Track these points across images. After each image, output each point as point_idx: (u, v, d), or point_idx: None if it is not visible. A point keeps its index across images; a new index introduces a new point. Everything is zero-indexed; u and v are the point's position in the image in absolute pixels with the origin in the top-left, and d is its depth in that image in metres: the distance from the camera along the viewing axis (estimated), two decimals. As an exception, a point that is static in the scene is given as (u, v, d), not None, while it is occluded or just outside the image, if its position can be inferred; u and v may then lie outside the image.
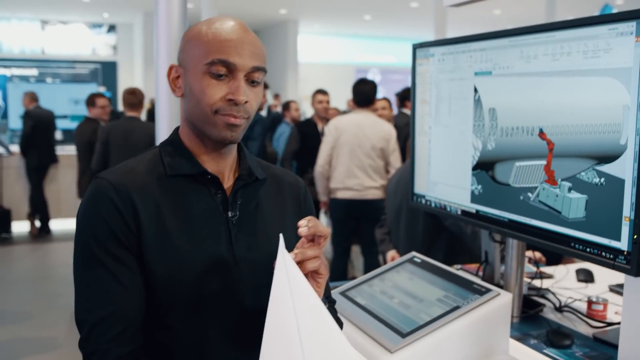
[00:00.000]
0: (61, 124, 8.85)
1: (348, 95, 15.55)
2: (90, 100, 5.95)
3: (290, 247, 1.18)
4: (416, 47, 2.23)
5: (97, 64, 16.35)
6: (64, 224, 7.66)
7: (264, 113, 6.59)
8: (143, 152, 1.24)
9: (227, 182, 1.24)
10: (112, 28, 16.69)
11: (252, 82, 1.16)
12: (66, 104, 9.08)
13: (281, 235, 1.01)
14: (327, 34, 18.27)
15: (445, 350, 1.56)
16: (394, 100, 7.12)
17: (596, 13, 8.65)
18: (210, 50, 1.12)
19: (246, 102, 1.14)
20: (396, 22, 15.97)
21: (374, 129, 4.71)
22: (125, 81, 16.59)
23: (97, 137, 5.11)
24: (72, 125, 9.11)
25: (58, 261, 6.37)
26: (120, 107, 9.86)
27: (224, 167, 1.23)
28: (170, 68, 1.21)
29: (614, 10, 8.53)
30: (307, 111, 12.77)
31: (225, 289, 1.16)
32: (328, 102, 5.77)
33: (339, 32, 17.98)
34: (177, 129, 1.26)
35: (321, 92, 5.77)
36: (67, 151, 8.00)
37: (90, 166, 5.14)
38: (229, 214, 1.19)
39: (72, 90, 9.38)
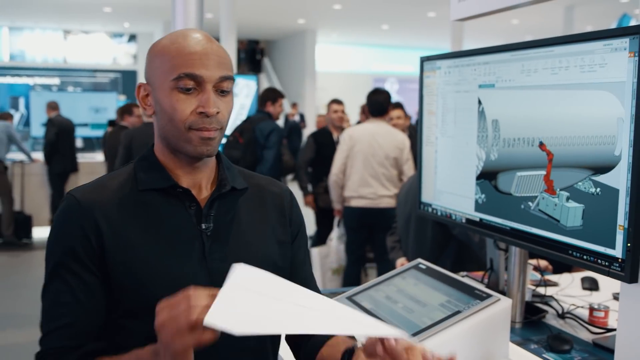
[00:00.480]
0: (81, 132, 9.02)
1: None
2: (128, 109, 6.16)
3: (269, 256, 1.23)
4: (423, 59, 2.29)
5: (117, 72, 16.62)
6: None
7: (280, 122, 6.66)
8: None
9: (204, 194, 1.23)
10: (132, 37, 16.99)
11: (221, 92, 1.16)
12: (87, 113, 9.25)
13: None
14: (345, 44, 18.39)
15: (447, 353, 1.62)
16: (413, 110, 7.17)
17: (614, 23, 8.64)
18: (176, 65, 1.12)
19: (217, 112, 1.14)
20: (413, 32, 16.06)
21: (388, 138, 4.77)
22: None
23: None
24: (93, 133, 9.31)
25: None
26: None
27: (200, 180, 1.23)
28: (139, 87, 1.21)
29: (633, 20, 8.52)
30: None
31: None
32: (343, 111, 5.85)
33: (356, 41, 18.10)
34: (152, 145, 1.25)
35: (336, 101, 5.85)
36: (87, 159, 8.18)
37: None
38: (203, 226, 1.19)
39: (93, 99, 9.55)
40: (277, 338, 1.34)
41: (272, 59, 18.10)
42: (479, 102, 1.97)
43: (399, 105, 6.09)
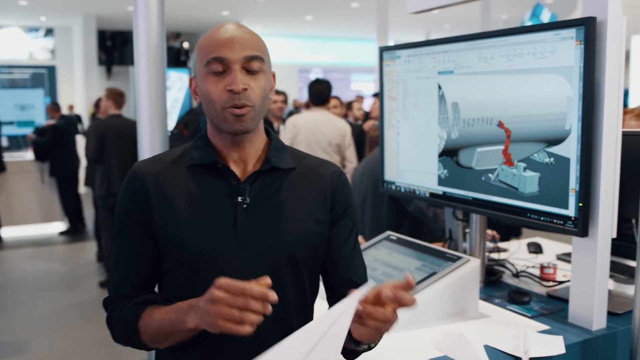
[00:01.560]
0: (7, 130, 8.73)
1: (292, 94, 15.75)
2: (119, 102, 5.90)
3: (301, 232, 1.32)
4: (383, 49, 2.49)
5: (41, 68, 16.02)
6: (15, 232, 7.61)
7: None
8: (134, 145, 1.44)
9: (249, 170, 1.34)
10: (49, 32, 16.39)
11: (250, 72, 1.26)
12: (12, 110, 8.96)
13: (366, 285, 1.08)
14: (269, 35, 18.41)
15: (427, 310, 1.83)
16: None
17: (528, 12, 9.19)
18: (205, 53, 1.26)
19: (245, 89, 1.24)
20: (337, 22, 16.33)
21: (330, 125, 4.98)
22: (64, 85, 16.32)
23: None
24: (19, 131, 9.01)
25: (14, 268, 6.36)
26: (64, 112, 9.77)
27: (245, 156, 1.34)
28: (191, 80, 1.39)
29: (545, 9, 9.08)
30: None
31: (225, 267, 1.25)
32: (283, 101, 6.01)
33: (281, 32, 18.21)
34: (206, 128, 1.40)
35: (276, 92, 6.00)
36: (15, 157, 7.93)
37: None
38: (239, 198, 1.30)
39: (17, 96, 9.25)
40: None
41: (196, 52, 17.95)
42: (439, 87, 2.19)
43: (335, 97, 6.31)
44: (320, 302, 1.42)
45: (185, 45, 14.31)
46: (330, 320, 1.07)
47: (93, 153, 5.44)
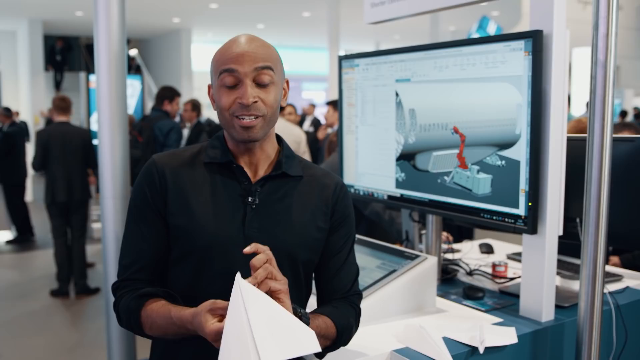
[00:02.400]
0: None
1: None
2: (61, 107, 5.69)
3: (302, 236, 1.39)
4: (342, 58, 2.58)
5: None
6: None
7: (178, 119, 6.74)
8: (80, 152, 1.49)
9: (260, 174, 1.43)
10: (-8, 36, 15.93)
11: (261, 85, 1.34)
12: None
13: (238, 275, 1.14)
14: (220, 43, 18.23)
15: (388, 305, 1.92)
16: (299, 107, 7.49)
17: (475, 24, 9.49)
18: (219, 65, 1.36)
19: (255, 102, 1.32)
20: (288, 31, 16.44)
21: (285, 132, 5.06)
22: (9, 90, 15.88)
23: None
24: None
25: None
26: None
27: (256, 160, 1.43)
28: (209, 88, 1.45)
29: (491, 22, 9.40)
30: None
31: (230, 259, 1.35)
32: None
33: (232, 40, 18.15)
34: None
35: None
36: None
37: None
38: (249, 199, 1.39)
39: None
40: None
41: (146, 59, 17.74)
42: (397, 94, 2.29)
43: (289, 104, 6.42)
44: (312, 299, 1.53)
45: (134, 52, 14.15)
46: (237, 301, 1.11)
47: (35, 160, 5.35)
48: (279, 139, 1.51)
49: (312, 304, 1.56)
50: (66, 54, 16.65)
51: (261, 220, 1.39)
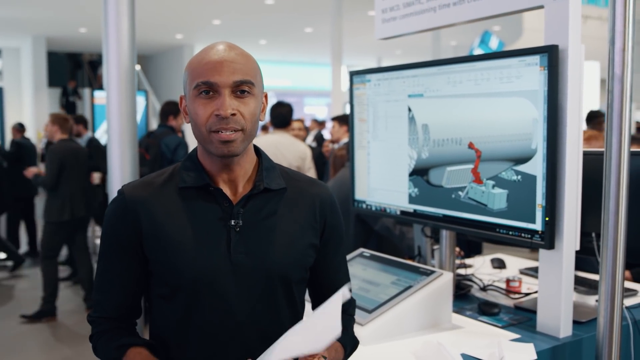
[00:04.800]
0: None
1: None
2: (64, 127, 5.68)
3: (293, 255, 1.34)
4: (353, 73, 2.59)
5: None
6: None
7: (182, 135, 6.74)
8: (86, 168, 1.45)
9: (240, 192, 1.33)
10: (-4, 53, 16.02)
11: (240, 94, 1.25)
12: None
13: None
14: (222, 59, 18.45)
15: (404, 322, 1.91)
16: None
17: (477, 39, 9.54)
18: (195, 75, 1.24)
19: (234, 114, 1.22)
20: (291, 47, 16.50)
21: (291, 148, 5.05)
22: (13, 107, 15.91)
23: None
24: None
25: None
26: (9, 134, 9.55)
27: (235, 178, 1.32)
28: (180, 99, 1.34)
29: (493, 36, 9.44)
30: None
31: (220, 292, 1.28)
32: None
33: (234, 56, 18.22)
34: (196, 148, 1.39)
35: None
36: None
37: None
38: (232, 222, 1.29)
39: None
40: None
41: (148, 75, 17.81)
42: (409, 110, 2.29)
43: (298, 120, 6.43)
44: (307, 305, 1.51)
45: (138, 67, 14.22)
46: (319, 316, 1.16)
47: (51, 178, 5.27)
48: (257, 150, 1.40)
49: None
50: (78, 96, 16.54)
51: (247, 243, 1.30)
